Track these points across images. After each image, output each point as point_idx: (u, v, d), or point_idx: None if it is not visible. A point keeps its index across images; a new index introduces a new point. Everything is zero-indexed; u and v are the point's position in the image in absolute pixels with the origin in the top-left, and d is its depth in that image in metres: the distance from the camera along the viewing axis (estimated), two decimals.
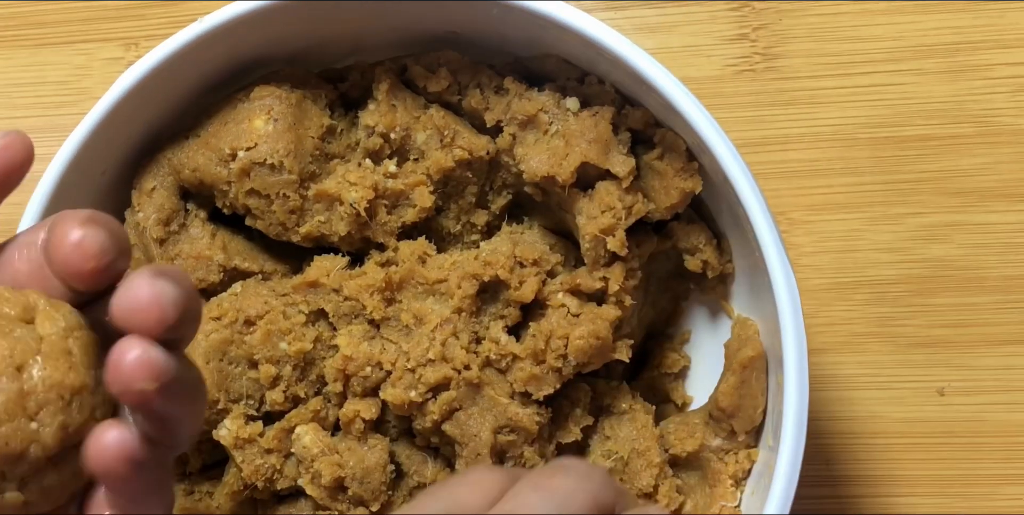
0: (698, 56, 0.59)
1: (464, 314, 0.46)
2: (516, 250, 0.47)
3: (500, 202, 0.50)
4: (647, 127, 0.47)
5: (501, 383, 0.46)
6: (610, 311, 0.46)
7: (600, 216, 0.45)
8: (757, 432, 0.48)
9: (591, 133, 0.46)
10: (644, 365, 0.53)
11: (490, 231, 0.50)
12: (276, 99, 0.47)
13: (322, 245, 0.49)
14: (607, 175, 0.46)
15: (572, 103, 0.47)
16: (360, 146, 0.48)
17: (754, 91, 0.58)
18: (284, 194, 0.47)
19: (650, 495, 0.47)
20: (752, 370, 0.46)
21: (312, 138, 0.47)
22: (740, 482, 0.48)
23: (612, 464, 0.48)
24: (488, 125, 0.48)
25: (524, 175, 0.46)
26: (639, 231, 0.48)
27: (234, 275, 0.49)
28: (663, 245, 0.49)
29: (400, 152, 0.48)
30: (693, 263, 0.49)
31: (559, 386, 0.46)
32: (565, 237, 0.49)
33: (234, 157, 0.46)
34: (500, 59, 0.49)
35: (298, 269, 0.49)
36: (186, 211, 0.49)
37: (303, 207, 0.47)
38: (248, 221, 0.48)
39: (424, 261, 0.47)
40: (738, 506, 0.47)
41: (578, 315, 0.46)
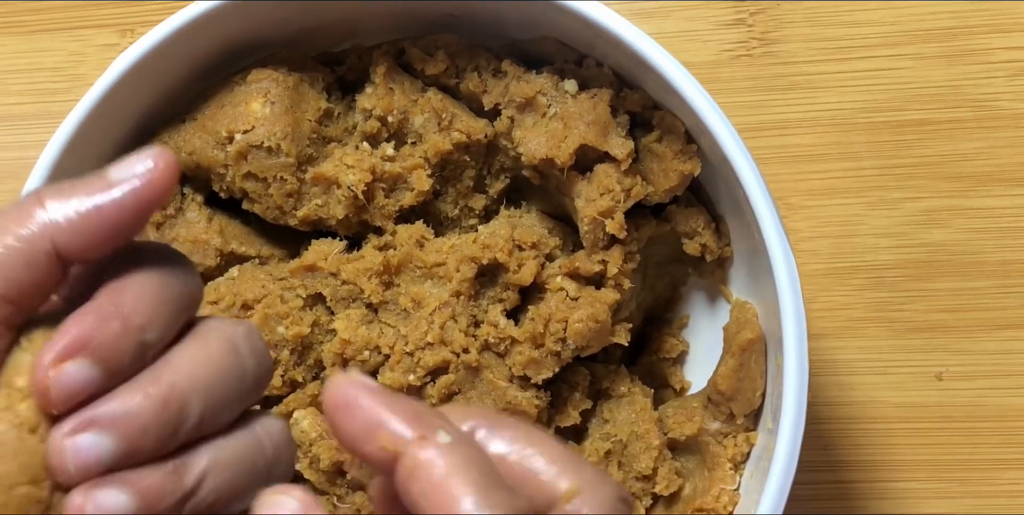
0: (695, 41, 0.58)
1: (462, 297, 0.46)
2: (515, 233, 0.47)
3: (498, 186, 0.50)
4: (645, 109, 0.47)
5: (500, 367, 0.46)
6: (609, 294, 0.46)
7: (599, 199, 0.45)
8: (756, 415, 0.48)
9: (589, 115, 0.45)
10: (642, 350, 0.53)
11: (488, 215, 0.50)
12: (273, 82, 0.47)
13: (319, 229, 0.49)
14: (606, 157, 0.46)
15: (570, 85, 0.46)
16: (357, 129, 0.48)
17: (751, 76, 0.58)
18: (281, 177, 0.46)
19: (649, 478, 0.47)
20: (751, 353, 0.46)
21: (309, 121, 0.47)
22: (739, 465, 0.47)
23: (611, 446, 0.48)
24: (486, 108, 0.48)
25: (523, 158, 0.46)
26: (637, 214, 0.48)
27: (231, 259, 0.49)
28: (661, 228, 0.49)
29: (398, 135, 0.48)
30: (691, 246, 0.49)
31: (558, 370, 0.46)
32: (563, 221, 0.49)
33: (231, 140, 0.46)
34: (498, 42, 0.49)
35: (295, 253, 0.49)
36: (183, 195, 0.49)
37: (300, 190, 0.47)
38: (245, 205, 0.48)
39: (422, 245, 0.47)
40: (737, 489, 0.47)
41: (577, 298, 0.46)
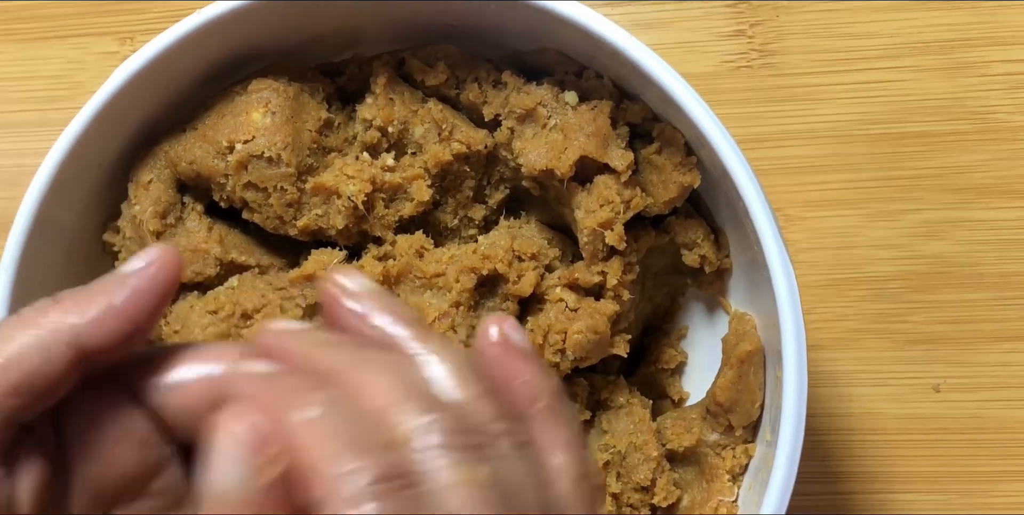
0: (694, 52, 0.59)
1: (462, 308, 0.46)
2: (514, 244, 0.47)
3: (498, 196, 0.50)
4: (645, 121, 0.47)
5: None
6: (608, 306, 0.46)
7: (598, 210, 0.45)
8: (754, 427, 0.48)
9: (590, 127, 0.45)
10: (641, 361, 0.53)
11: (487, 226, 0.50)
12: (274, 92, 0.47)
13: (319, 239, 0.48)
14: (605, 169, 0.46)
15: (571, 97, 0.46)
16: (358, 140, 0.48)
17: (751, 88, 0.58)
18: (281, 187, 0.46)
19: (647, 489, 0.47)
20: (750, 365, 0.46)
21: (309, 131, 0.47)
22: (737, 477, 0.47)
23: (609, 457, 0.48)
24: (486, 119, 0.48)
25: (522, 169, 0.46)
26: (637, 226, 0.48)
27: (231, 269, 0.48)
28: (661, 240, 0.49)
29: (398, 146, 0.48)
30: (691, 258, 0.49)
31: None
32: (563, 232, 0.49)
33: (231, 150, 0.46)
34: (498, 53, 0.49)
35: (295, 263, 0.49)
36: (183, 204, 0.49)
37: (300, 200, 0.47)
38: (245, 214, 0.48)
39: (422, 255, 0.47)
40: (735, 501, 0.47)
41: (576, 310, 0.46)
